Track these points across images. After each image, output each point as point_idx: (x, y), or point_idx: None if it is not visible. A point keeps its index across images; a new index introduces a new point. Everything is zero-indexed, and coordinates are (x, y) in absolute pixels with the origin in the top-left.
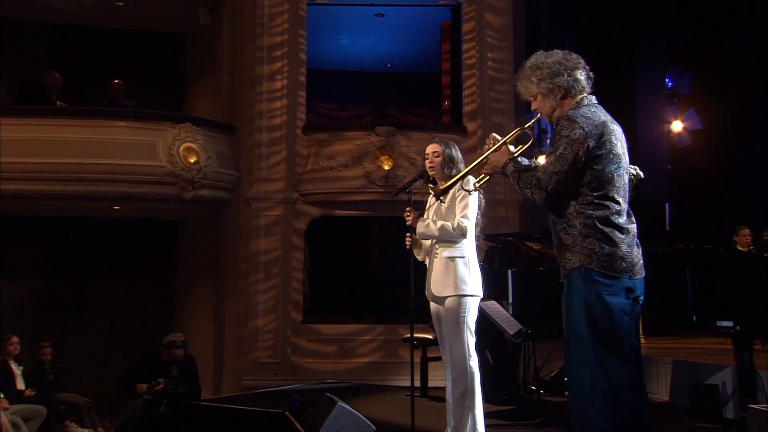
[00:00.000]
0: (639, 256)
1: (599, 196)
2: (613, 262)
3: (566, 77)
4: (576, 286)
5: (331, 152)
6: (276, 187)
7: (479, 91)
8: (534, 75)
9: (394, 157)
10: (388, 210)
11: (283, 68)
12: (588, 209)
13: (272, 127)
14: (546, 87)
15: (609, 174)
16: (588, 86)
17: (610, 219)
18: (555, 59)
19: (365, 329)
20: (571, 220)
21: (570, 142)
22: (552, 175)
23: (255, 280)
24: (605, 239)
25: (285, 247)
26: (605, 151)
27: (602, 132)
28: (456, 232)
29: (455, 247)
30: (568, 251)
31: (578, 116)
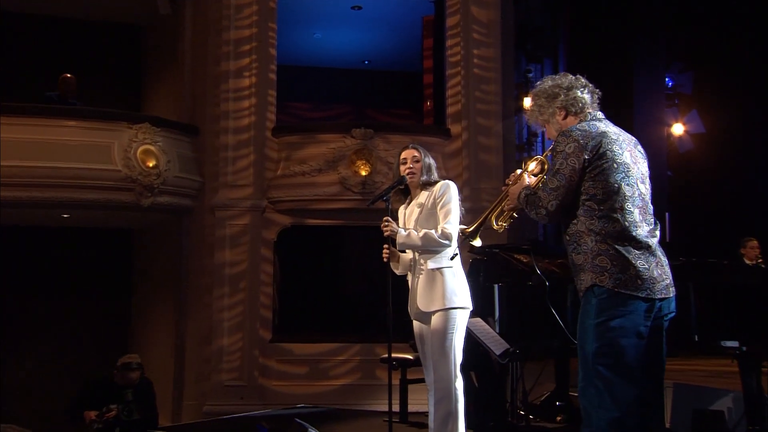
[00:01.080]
0: (664, 272)
1: (607, 208)
2: (628, 280)
3: (563, 97)
4: (589, 306)
5: (303, 156)
6: (243, 193)
7: (464, 91)
8: (535, 104)
9: (372, 161)
10: (365, 219)
11: (252, 64)
12: (597, 224)
13: (239, 128)
14: (547, 112)
15: (615, 185)
16: (592, 103)
17: (622, 233)
18: (551, 83)
19: (340, 349)
20: (582, 238)
21: (565, 156)
22: (551, 192)
23: (219, 296)
24: (617, 255)
25: (253, 259)
26: (607, 162)
27: (599, 142)
28: (440, 239)
29: (440, 257)
30: (581, 271)
31: (574, 130)
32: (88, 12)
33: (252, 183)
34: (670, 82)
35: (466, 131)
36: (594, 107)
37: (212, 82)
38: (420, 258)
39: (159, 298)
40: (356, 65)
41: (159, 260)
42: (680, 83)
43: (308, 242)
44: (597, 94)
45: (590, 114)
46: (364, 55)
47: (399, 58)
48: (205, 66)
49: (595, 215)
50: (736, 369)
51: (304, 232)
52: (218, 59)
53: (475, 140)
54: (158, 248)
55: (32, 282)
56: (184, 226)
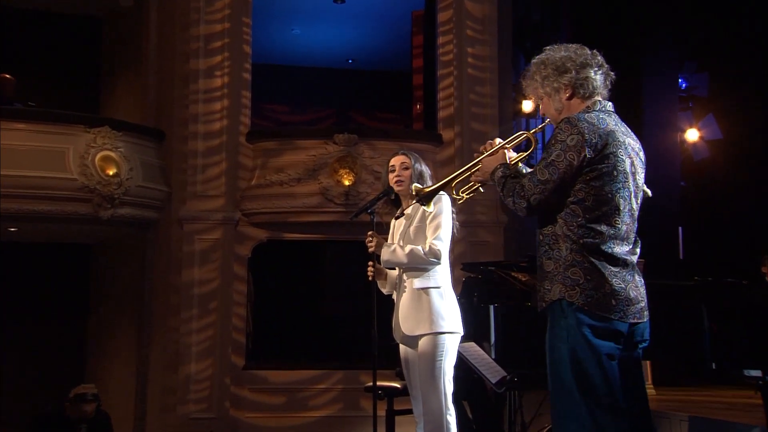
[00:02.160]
0: (639, 294)
1: (593, 218)
2: (601, 299)
3: (574, 74)
4: (558, 323)
5: (280, 164)
6: (214, 205)
7: (457, 93)
8: (539, 73)
9: (356, 170)
10: (349, 233)
11: (224, 63)
12: (578, 232)
13: (210, 133)
14: (551, 86)
15: (609, 194)
16: (604, 89)
17: (601, 247)
18: (564, 54)
19: (320, 376)
20: (557, 243)
21: (564, 148)
22: (538, 184)
23: (187, 318)
24: (592, 270)
25: (224, 278)
26: (607, 167)
27: (606, 142)
28: (428, 257)
29: (428, 276)
30: (548, 280)
31: (580, 120)
32: (39, 2)
33: (224, 193)
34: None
35: (460, 137)
36: (604, 93)
37: (180, 81)
38: (405, 276)
39: (119, 321)
40: (339, 64)
41: (120, 279)
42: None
43: (286, 259)
44: (610, 78)
45: (599, 103)
46: (348, 53)
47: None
48: (172, 64)
49: (577, 222)
50: (760, 401)
51: (282, 248)
52: (186, 56)
53: (470, 147)
54: (119, 265)
55: None
56: (149, 241)
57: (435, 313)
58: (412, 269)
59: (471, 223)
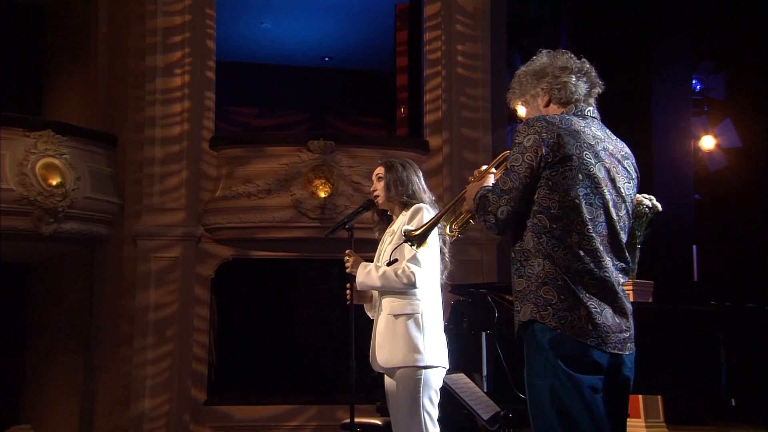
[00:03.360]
0: (624, 323)
1: (561, 228)
2: (576, 322)
3: (550, 79)
4: (534, 357)
5: (248, 173)
6: (173, 219)
7: (446, 95)
8: (518, 82)
9: (333, 181)
10: (325, 251)
11: (185, 59)
12: (546, 245)
13: (169, 138)
14: (530, 93)
15: (574, 200)
16: (587, 97)
17: (574, 263)
18: (545, 60)
19: (292, 412)
20: (528, 259)
21: (522, 150)
22: (502, 194)
23: (141, 347)
24: (565, 290)
25: (184, 301)
26: (570, 170)
27: (561, 141)
28: (401, 280)
29: (404, 301)
30: (517, 300)
31: (539, 119)
32: None
33: (184, 206)
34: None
35: (448, 144)
36: (589, 101)
37: (134, 80)
38: (381, 300)
39: (61, 352)
40: (314, 62)
41: (63, 303)
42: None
43: (254, 279)
44: (598, 87)
45: (576, 107)
46: (324, 50)
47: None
48: (126, 60)
49: (545, 233)
50: None
51: (249, 267)
52: (142, 52)
53: (459, 155)
54: (62, 288)
55: None
56: (97, 260)
57: (409, 345)
58: (388, 293)
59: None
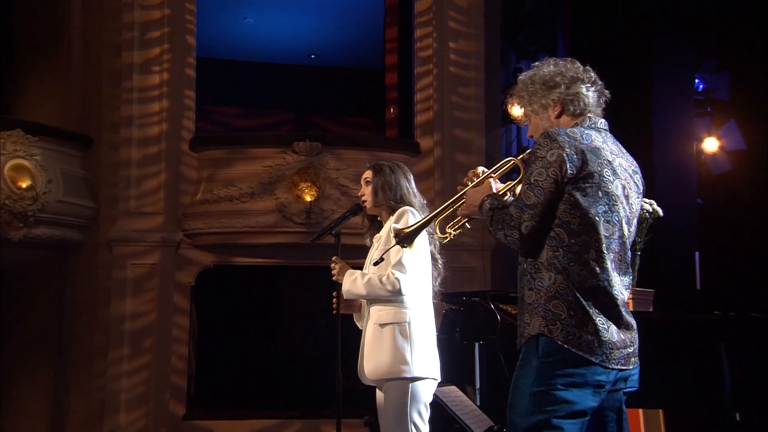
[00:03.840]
0: (628, 339)
1: (579, 244)
2: (582, 338)
3: (563, 89)
4: (528, 365)
5: (230, 176)
6: (151, 224)
7: (437, 95)
8: (525, 89)
9: (319, 184)
10: (311, 258)
11: (163, 56)
12: (562, 260)
13: (146, 139)
14: (539, 103)
15: (594, 217)
16: (597, 107)
17: (588, 279)
18: (553, 69)
19: (275, 426)
20: (540, 272)
21: (546, 165)
22: (525, 209)
23: (116, 359)
24: (576, 305)
25: (162, 310)
26: (591, 186)
27: (586, 159)
28: (385, 287)
29: (390, 310)
30: (529, 313)
31: (560, 133)
32: None
33: (162, 210)
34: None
35: (440, 146)
36: (597, 112)
37: (110, 77)
38: (368, 308)
39: (30, 365)
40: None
41: (33, 313)
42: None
43: (236, 287)
44: (605, 97)
45: (590, 119)
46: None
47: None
48: (101, 56)
49: (562, 248)
50: None
51: (231, 275)
52: (118, 48)
53: (452, 157)
54: (32, 297)
55: None
56: (70, 267)
57: (396, 356)
58: (375, 301)
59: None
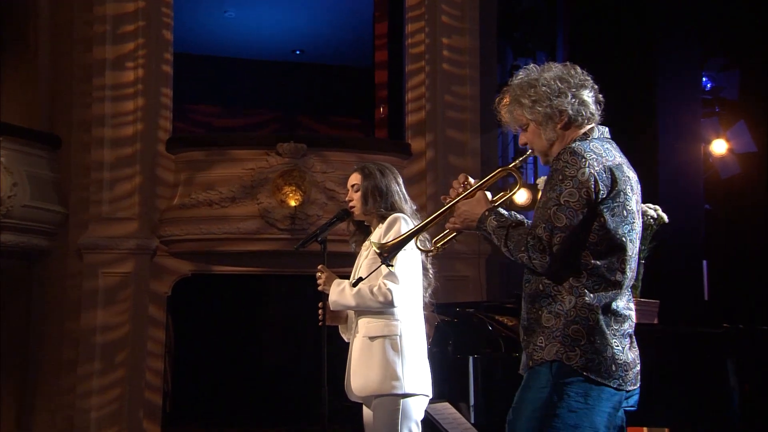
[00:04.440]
0: (636, 357)
1: (605, 267)
2: (602, 364)
3: (571, 98)
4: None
5: (210, 179)
6: (125, 230)
7: (430, 94)
8: (526, 96)
9: (305, 187)
10: (295, 266)
11: (138, 51)
12: (587, 283)
13: (120, 140)
14: (543, 112)
15: (622, 237)
16: (597, 113)
17: (611, 303)
18: (555, 74)
19: None
20: (560, 294)
21: (577, 185)
22: (558, 232)
23: (86, 374)
24: (596, 330)
25: (136, 322)
26: (618, 206)
27: (616, 177)
28: (377, 298)
29: (381, 322)
30: (544, 335)
31: (587, 150)
32: None
33: (137, 215)
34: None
35: (433, 148)
36: (598, 119)
37: (81, 74)
38: (356, 320)
39: None
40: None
41: None
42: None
43: (216, 297)
44: (601, 104)
45: (597, 129)
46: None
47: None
48: (70, 51)
49: (587, 270)
50: None
51: (210, 284)
52: (89, 42)
53: (445, 160)
54: None
55: None
56: (37, 277)
57: (386, 370)
58: (364, 313)
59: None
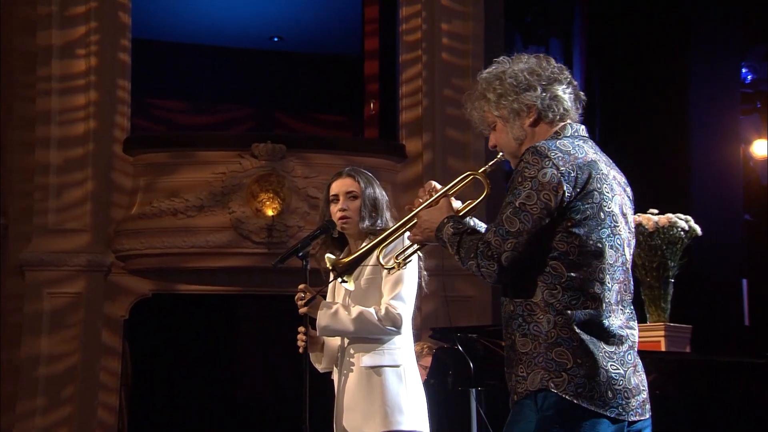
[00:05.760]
0: (641, 382)
1: (581, 277)
2: (594, 389)
3: (540, 92)
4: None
5: (174, 185)
6: (75, 243)
7: (427, 88)
8: (491, 89)
9: (284, 195)
10: (272, 285)
11: (90, 37)
12: (561, 298)
13: (69, 139)
14: (509, 107)
15: (597, 244)
16: (575, 113)
17: (595, 318)
18: (525, 66)
19: None
20: (534, 314)
21: (537, 186)
22: (508, 237)
23: (28, 412)
24: (582, 350)
25: (87, 351)
26: (592, 207)
27: (589, 175)
28: (383, 324)
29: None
30: (523, 364)
31: (551, 148)
32: None
33: (89, 227)
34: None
35: (430, 149)
36: (575, 118)
37: (22, 63)
38: (350, 348)
39: None
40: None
41: None
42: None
43: (180, 321)
44: (581, 100)
45: (570, 127)
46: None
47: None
48: (11, 37)
49: (561, 284)
50: None
51: (175, 306)
52: (32, 26)
53: (444, 163)
54: None
55: None
56: None
57: (391, 404)
58: (361, 340)
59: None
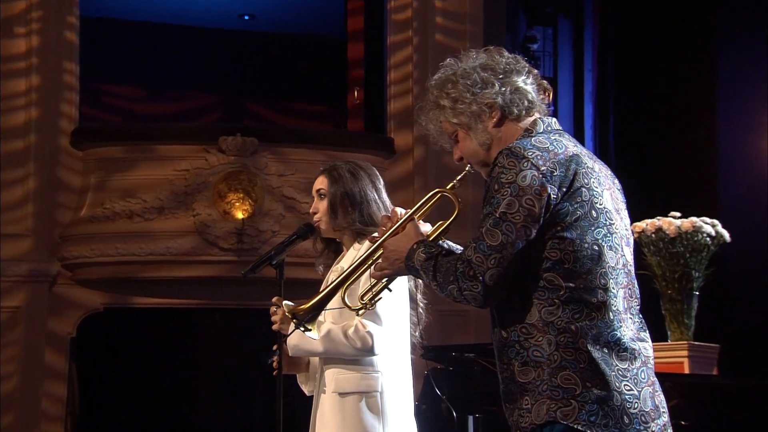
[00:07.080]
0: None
1: (580, 287)
2: (608, 416)
3: (498, 87)
4: None
5: (130, 184)
6: (14, 250)
7: (418, 74)
8: (443, 96)
9: (256, 194)
10: (242, 297)
11: (31, 13)
12: (562, 314)
13: (7, 131)
14: (467, 111)
15: (593, 246)
16: (542, 103)
17: (603, 332)
18: (475, 63)
19: None
20: (532, 337)
21: (517, 192)
22: (491, 253)
23: None
24: (592, 372)
25: (28, 374)
26: (582, 207)
27: (574, 171)
28: (353, 344)
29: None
30: (528, 395)
31: (527, 147)
32: None
33: (30, 231)
34: None
35: (422, 143)
36: (543, 109)
37: None
38: (326, 371)
39: None
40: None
41: None
42: None
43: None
44: (544, 89)
45: (541, 122)
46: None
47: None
48: None
49: (559, 298)
50: None
51: (130, 321)
52: None
53: (437, 159)
54: None
55: None
56: None
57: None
58: (335, 361)
59: None
